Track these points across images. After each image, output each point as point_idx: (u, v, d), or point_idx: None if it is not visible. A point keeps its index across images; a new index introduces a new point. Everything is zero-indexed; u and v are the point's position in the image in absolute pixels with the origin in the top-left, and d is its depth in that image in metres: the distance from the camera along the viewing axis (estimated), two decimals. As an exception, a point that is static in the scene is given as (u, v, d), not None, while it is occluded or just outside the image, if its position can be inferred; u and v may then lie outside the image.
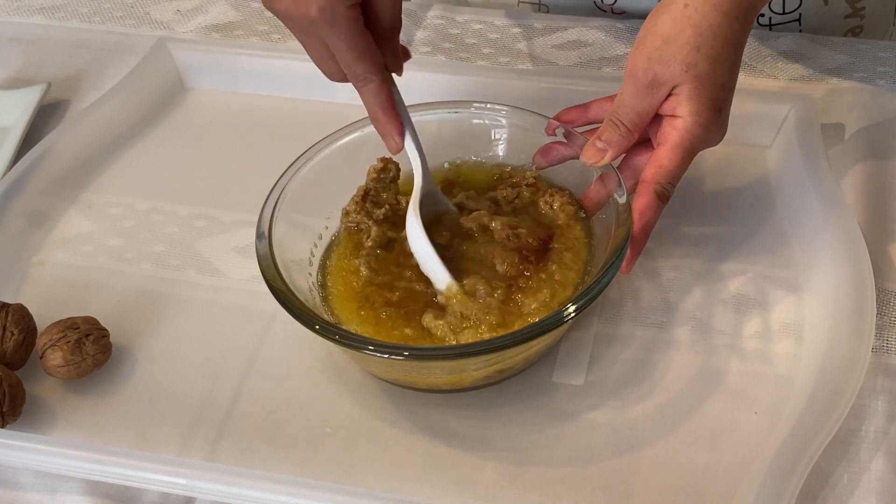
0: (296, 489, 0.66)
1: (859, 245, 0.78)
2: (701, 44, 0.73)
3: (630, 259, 0.73)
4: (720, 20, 0.73)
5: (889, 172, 0.88)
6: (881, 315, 0.76)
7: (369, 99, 0.74)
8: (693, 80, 0.74)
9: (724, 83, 0.75)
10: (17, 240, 0.87)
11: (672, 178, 0.75)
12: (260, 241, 0.74)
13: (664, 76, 0.74)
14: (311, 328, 0.68)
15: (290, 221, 0.77)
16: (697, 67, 0.73)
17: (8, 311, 0.76)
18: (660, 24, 0.75)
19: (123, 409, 0.75)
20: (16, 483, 0.71)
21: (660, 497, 0.68)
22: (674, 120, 0.75)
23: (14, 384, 0.72)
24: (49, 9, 1.13)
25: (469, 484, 0.69)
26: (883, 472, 0.69)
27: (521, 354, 0.72)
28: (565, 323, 0.68)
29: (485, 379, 0.73)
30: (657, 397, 0.73)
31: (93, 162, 0.94)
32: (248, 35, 1.08)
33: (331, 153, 0.81)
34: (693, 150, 0.75)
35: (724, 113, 0.76)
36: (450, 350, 0.70)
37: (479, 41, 1.05)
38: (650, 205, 0.73)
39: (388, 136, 0.76)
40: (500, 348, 0.67)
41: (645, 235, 0.74)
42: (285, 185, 0.78)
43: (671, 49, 0.74)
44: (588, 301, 0.68)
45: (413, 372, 0.72)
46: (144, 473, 0.68)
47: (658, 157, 0.75)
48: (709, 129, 0.75)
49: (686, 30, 0.73)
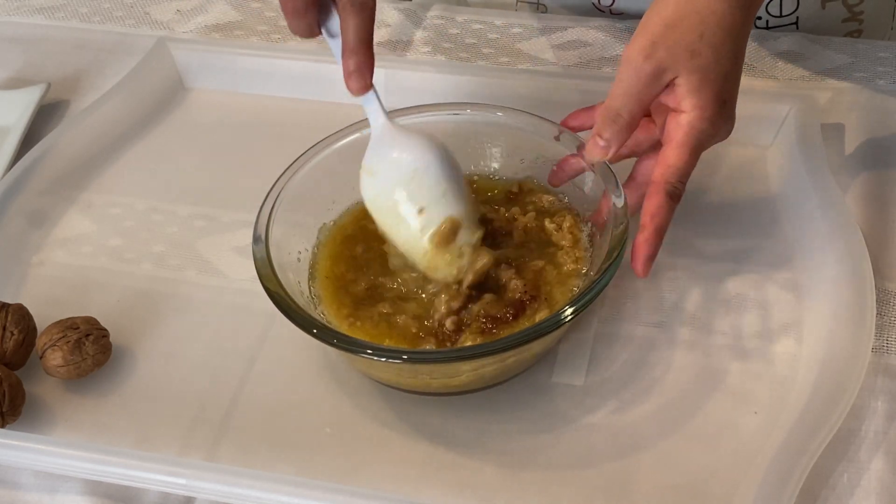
0: (295, 489, 0.66)
1: (859, 245, 0.78)
2: (704, 31, 0.72)
3: (646, 262, 0.72)
4: (724, 9, 0.72)
5: (889, 173, 0.88)
6: (881, 315, 0.76)
7: (362, 24, 0.70)
8: (696, 71, 0.72)
9: (728, 73, 0.73)
10: (17, 240, 0.87)
11: (682, 175, 0.73)
12: (257, 244, 0.73)
13: (667, 62, 0.72)
14: (308, 332, 0.68)
15: (288, 223, 0.76)
16: (701, 56, 0.72)
17: (8, 311, 0.76)
18: (663, 9, 0.73)
19: (123, 409, 0.75)
20: (16, 483, 0.71)
21: (659, 497, 0.68)
22: (678, 116, 0.73)
23: (14, 384, 0.72)
24: (49, 9, 1.13)
25: (469, 485, 0.69)
26: (883, 472, 0.69)
27: (519, 357, 0.71)
28: (562, 326, 0.68)
29: (482, 381, 0.73)
30: (657, 397, 0.73)
31: (93, 162, 0.94)
32: (248, 35, 1.08)
33: (327, 156, 0.80)
34: (700, 146, 0.74)
35: (729, 105, 0.75)
36: (447, 353, 0.70)
37: (479, 41, 1.05)
38: (662, 205, 0.72)
39: (364, 71, 0.71)
40: (498, 351, 0.67)
41: (659, 236, 0.72)
42: (282, 188, 0.77)
43: (675, 34, 0.72)
44: (585, 304, 0.68)
45: (411, 375, 0.72)
46: (144, 473, 0.68)
47: (665, 155, 0.74)
48: (714, 122, 0.73)
49: (691, 15, 0.72)
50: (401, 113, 0.81)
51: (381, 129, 0.75)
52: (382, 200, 0.75)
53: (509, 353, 0.68)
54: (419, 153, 0.74)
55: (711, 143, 0.75)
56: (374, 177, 0.75)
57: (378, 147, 0.75)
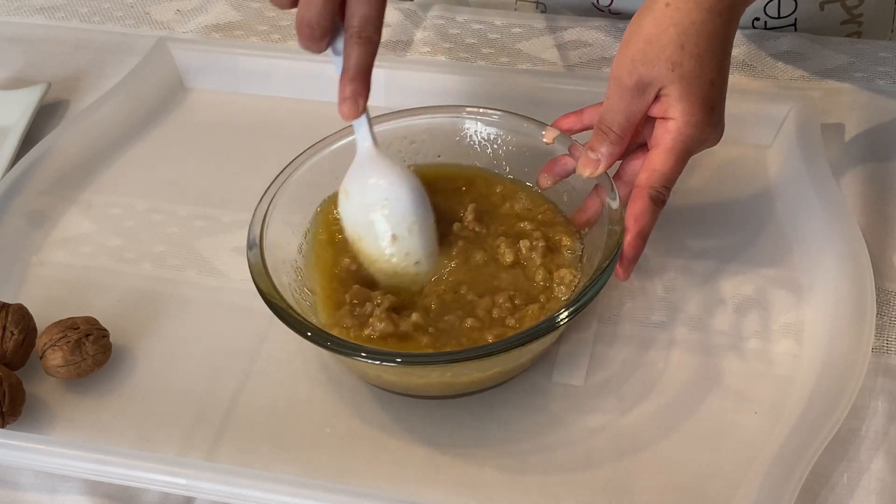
0: (296, 489, 0.66)
1: (859, 245, 0.78)
2: (685, 42, 0.72)
3: (627, 265, 0.72)
4: (703, 17, 0.72)
5: (889, 173, 0.88)
6: (881, 315, 0.76)
7: (364, 57, 0.71)
8: (680, 80, 0.72)
9: (714, 80, 0.73)
10: (17, 240, 0.86)
11: (666, 181, 0.73)
12: (251, 249, 0.73)
13: (649, 77, 0.72)
14: (303, 335, 0.68)
15: (282, 222, 0.77)
16: (683, 66, 0.72)
17: (8, 311, 0.76)
18: (643, 25, 0.73)
19: (123, 409, 0.75)
20: (16, 483, 0.71)
21: (660, 497, 0.68)
22: (666, 122, 0.74)
23: (14, 384, 0.72)
24: (49, 9, 1.13)
25: (469, 485, 0.69)
26: (883, 472, 0.69)
27: (515, 361, 0.71)
28: (558, 328, 0.68)
29: (478, 384, 0.72)
30: (657, 397, 0.73)
31: (93, 162, 0.94)
32: (248, 35, 1.08)
33: (319, 159, 0.80)
34: (687, 152, 0.74)
35: (717, 111, 0.75)
36: (442, 356, 0.69)
37: (479, 41, 1.05)
38: (645, 209, 0.72)
39: (358, 99, 0.72)
40: (494, 353, 0.66)
41: (642, 241, 0.72)
42: (275, 192, 0.77)
43: (655, 49, 0.72)
44: (580, 307, 0.68)
45: (406, 376, 0.72)
46: (144, 473, 0.67)
47: (651, 160, 0.74)
48: (702, 128, 0.73)
49: (669, 29, 0.72)
50: (394, 116, 0.82)
51: (365, 154, 0.76)
52: (353, 219, 0.76)
53: (505, 355, 0.67)
54: (394, 183, 0.75)
55: (699, 149, 0.75)
56: (349, 199, 0.75)
57: (357, 171, 0.76)
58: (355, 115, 0.72)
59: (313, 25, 0.70)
